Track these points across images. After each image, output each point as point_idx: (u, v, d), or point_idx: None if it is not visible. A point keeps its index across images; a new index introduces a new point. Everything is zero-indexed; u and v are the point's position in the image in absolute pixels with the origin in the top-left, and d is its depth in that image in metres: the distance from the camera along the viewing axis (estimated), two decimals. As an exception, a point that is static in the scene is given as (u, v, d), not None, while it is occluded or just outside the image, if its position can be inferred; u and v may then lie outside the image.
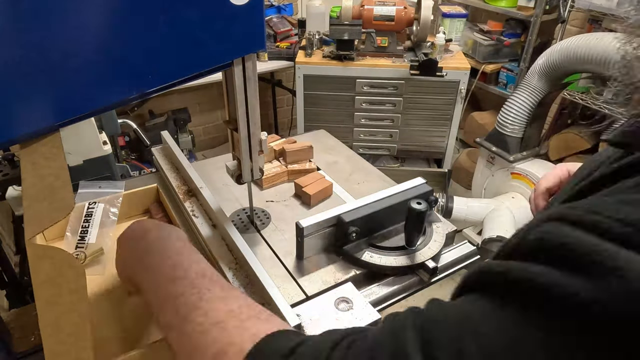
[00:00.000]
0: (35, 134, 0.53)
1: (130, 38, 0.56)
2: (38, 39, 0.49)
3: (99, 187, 1.05)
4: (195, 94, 3.17)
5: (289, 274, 0.90)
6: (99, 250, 0.94)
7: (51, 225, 0.54)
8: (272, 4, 3.04)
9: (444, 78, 2.25)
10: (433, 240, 0.95)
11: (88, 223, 0.98)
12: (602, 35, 2.11)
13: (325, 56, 2.41)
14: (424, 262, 0.90)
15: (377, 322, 0.79)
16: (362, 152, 2.60)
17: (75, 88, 0.54)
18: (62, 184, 0.55)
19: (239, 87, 0.76)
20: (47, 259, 0.55)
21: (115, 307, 0.85)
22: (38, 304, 0.58)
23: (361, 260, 0.90)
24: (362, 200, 0.95)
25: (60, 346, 0.61)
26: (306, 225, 0.89)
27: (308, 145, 1.24)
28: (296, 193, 1.15)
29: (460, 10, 2.79)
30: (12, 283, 1.50)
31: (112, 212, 1.01)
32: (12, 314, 0.82)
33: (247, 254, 0.84)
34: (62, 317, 0.60)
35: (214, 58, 0.66)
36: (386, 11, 2.34)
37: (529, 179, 2.29)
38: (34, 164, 0.53)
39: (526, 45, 2.70)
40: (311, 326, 0.78)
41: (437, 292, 0.51)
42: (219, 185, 1.18)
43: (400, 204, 0.94)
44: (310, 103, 2.49)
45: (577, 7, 2.39)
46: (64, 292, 0.58)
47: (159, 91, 0.63)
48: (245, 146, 0.83)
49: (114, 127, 1.66)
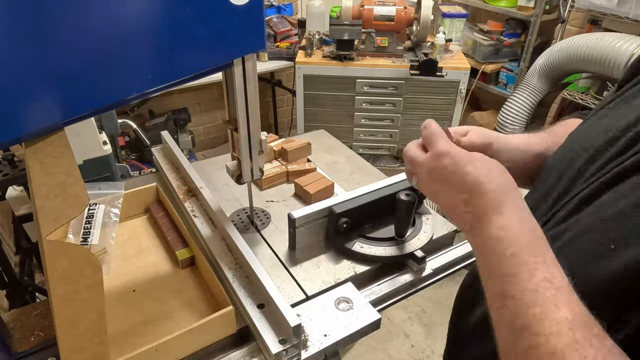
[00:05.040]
0: (40, 132, 0.53)
1: (131, 38, 0.56)
2: (43, 38, 0.49)
3: (99, 188, 1.05)
4: (195, 94, 3.16)
5: (289, 274, 0.91)
6: (102, 250, 0.94)
7: (67, 222, 0.55)
8: (272, 4, 3.04)
9: (444, 78, 2.25)
10: (422, 231, 0.96)
11: (90, 224, 0.98)
12: (602, 35, 2.11)
13: (325, 56, 2.41)
14: (413, 252, 0.91)
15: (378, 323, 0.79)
16: (362, 152, 2.60)
17: (80, 87, 0.54)
18: (74, 181, 0.55)
19: (239, 87, 0.76)
20: (65, 256, 0.56)
21: (120, 307, 0.85)
22: (54, 300, 0.58)
23: (352, 250, 0.92)
24: (353, 192, 0.96)
25: (76, 342, 0.62)
26: (298, 216, 0.91)
27: (306, 142, 1.24)
28: (296, 193, 1.15)
29: (460, 10, 2.79)
30: (12, 283, 1.49)
31: (114, 213, 1.02)
32: (12, 314, 0.82)
33: (247, 254, 0.84)
34: (79, 313, 0.60)
35: (214, 58, 0.67)
36: (386, 11, 2.34)
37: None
38: (42, 163, 0.53)
39: (526, 45, 2.70)
40: (311, 326, 0.78)
41: (437, 292, 0.51)
42: (219, 185, 1.18)
43: (390, 196, 0.95)
44: (310, 103, 2.49)
45: (577, 7, 2.39)
46: (81, 288, 0.59)
47: (159, 91, 0.63)
48: (245, 146, 0.83)
49: (114, 127, 1.66)
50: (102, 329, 0.63)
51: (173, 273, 0.94)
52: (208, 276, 0.88)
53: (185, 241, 0.97)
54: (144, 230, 1.06)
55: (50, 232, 0.54)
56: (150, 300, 0.87)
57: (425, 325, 2.28)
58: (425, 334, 2.23)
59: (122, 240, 1.02)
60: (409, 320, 2.31)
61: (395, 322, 2.29)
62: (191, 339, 0.74)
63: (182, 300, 0.87)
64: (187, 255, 0.94)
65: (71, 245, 0.56)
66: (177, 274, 0.94)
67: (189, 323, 0.74)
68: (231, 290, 0.84)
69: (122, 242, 1.01)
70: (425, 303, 2.37)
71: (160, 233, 1.03)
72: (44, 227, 0.54)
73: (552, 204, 0.57)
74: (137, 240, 1.02)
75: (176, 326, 0.80)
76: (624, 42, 2.01)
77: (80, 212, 0.56)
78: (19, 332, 0.78)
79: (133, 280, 0.91)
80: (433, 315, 2.32)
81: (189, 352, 0.75)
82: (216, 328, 0.76)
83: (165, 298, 0.88)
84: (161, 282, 0.91)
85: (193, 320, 0.75)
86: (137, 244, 1.01)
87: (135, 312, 0.84)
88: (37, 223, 0.55)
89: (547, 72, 2.37)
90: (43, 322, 0.80)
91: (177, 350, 0.74)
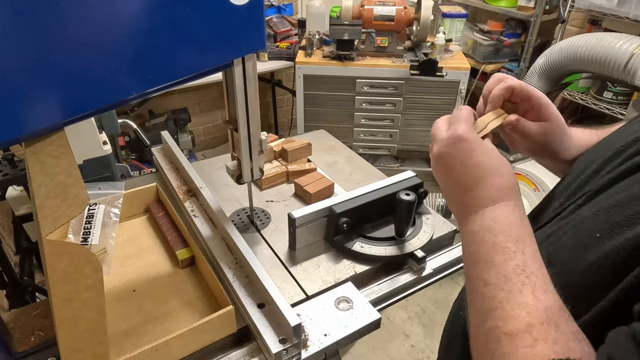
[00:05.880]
0: (40, 132, 0.53)
1: (131, 38, 0.56)
2: (44, 38, 0.49)
3: (99, 188, 1.05)
4: (195, 94, 3.16)
5: (289, 273, 0.91)
6: (102, 250, 0.94)
7: (67, 222, 0.55)
8: (272, 4, 3.04)
9: (444, 78, 2.25)
10: (422, 231, 0.96)
11: (90, 224, 0.98)
12: (602, 35, 2.11)
13: (325, 56, 2.41)
14: (413, 252, 0.92)
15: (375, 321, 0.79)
16: (362, 152, 2.60)
17: (80, 87, 0.54)
18: (74, 181, 0.56)
19: (239, 87, 0.76)
20: (66, 255, 0.56)
21: (120, 307, 0.85)
22: (54, 300, 0.58)
23: (352, 250, 0.92)
24: (353, 192, 0.96)
25: (77, 342, 0.62)
26: (298, 216, 0.91)
27: (306, 142, 1.24)
28: (296, 193, 1.15)
29: (460, 10, 2.79)
30: (12, 283, 1.49)
31: (114, 213, 1.02)
32: (12, 314, 0.82)
33: (247, 254, 0.84)
34: (80, 313, 0.60)
35: (214, 58, 0.67)
36: (386, 11, 2.34)
37: (529, 178, 2.29)
38: (42, 163, 0.54)
39: (526, 45, 2.70)
40: (311, 326, 0.78)
41: (437, 292, 0.51)
42: (219, 185, 1.18)
43: (390, 196, 0.95)
44: (310, 103, 2.49)
45: (577, 7, 2.39)
46: (82, 288, 0.59)
47: (159, 91, 0.63)
48: (245, 146, 0.83)
49: (114, 127, 1.66)
50: (102, 329, 0.63)
51: (173, 273, 0.94)
52: (208, 276, 0.88)
53: (185, 241, 0.97)
54: (144, 230, 1.06)
55: (50, 232, 0.54)
56: (150, 300, 0.87)
57: (425, 325, 2.28)
58: (425, 334, 2.23)
59: (122, 240, 1.02)
60: (409, 320, 2.31)
61: (395, 322, 2.29)
62: (191, 338, 0.74)
63: (182, 300, 0.87)
64: (187, 255, 0.94)
65: (71, 245, 0.56)
66: (177, 274, 0.94)
67: (189, 323, 0.74)
68: (231, 290, 0.84)
69: (122, 242, 1.01)
70: (425, 303, 2.37)
71: (160, 233, 1.03)
72: (44, 227, 0.54)
73: (563, 201, 0.59)
74: (137, 240, 1.02)
75: (176, 326, 0.80)
76: (624, 42, 2.01)
77: (80, 212, 0.56)
78: (19, 332, 0.78)
79: (133, 280, 0.91)
80: (433, 315, 2.32)
81: (189, 352, 0.75)
82: (216, 328, 0.76)
83: (165, 298, 0.88)
84: (161, 282, 0.91)
85: (193, 320, 0.75)
86: (137, 244, 1.01)
87: (135, 312, 0.84)
88: (37, 223, 0.55)
89: (547, 72, 2.36)
90: (43, 322, 0.80)
91: (177, 350, 0.74)
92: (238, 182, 0.89)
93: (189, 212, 1.04)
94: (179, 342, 0.73)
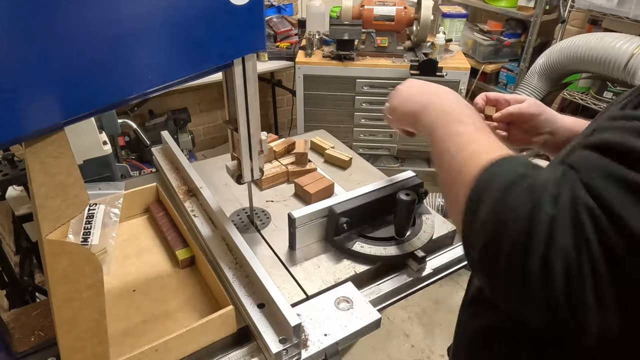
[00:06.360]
0: (40, 132, 0.53)
1: (131, 38, 0.56)
2: (44, 38, 0.49)
3: (99, 188, 1.05)
4: (195, 94, 3.16)
5: (289, 273, 0.91)
6: (102, 250, 0.94)
7: (67, 222, 0.55)
8: (272, 4, 3.04)
9: (444, 78, 2.25)
10: (422, 231, 0.96)
11: (90, 224, 0.98)
12: (602, 35, 2.11)
13: (325, 56, 2.41)
14: (413, 252, 0.91)
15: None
16: (362, 152, 2.60)
17: (80, 86, 0.54)
18: (74, 181, 0.56)
19: (239, 87, 0.76)
20: (66, 255, 0.56)
21: (120, 307, 0.85)
22: (54, 300, 0.58)
23: (352, 250, 0.92)
24: (353, 192, 0.96)
25: (76, 342, 0.62)
26: (298, 216, 0.91)
27: (302, 153, 1.22)
28: (296, 193, 1.15)
29: (460, 10, 2.79)
30: (12, 283, 1.49)
31: (114, 213, 1.02)
32: (12, 314, 0.82)
33: (247, 254, 0.84)
34: (80, 313, 0.60)
35: (214, 58, 0.67)
36: (386, 11, 2.34)
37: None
38: (42, 163, 0.54)
39: (526, 45, 2.70)
40: (311, 325, 0.78)
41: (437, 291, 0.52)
42: (219, 185, 1.18)
43: (390, 196, 0.95)
44: (310, 103, 2.49)
45: (577, 7, 2.39)
46: (82, 288, 0.59)
47: (159, 91, 0.63)
48: (245, 146, 0.83)
49: (114, 127, 1.66)
50: (102, 329, 0.63)
51: (173, 273, 0.94)
52: (208, 276, 0.88)
53: (185, 241, 0.97)
54: (144, 230, 1.06)
55: (50, 231, 0.54)
56: (150, 300, 0.87)
57: (425, 325, 2.28)
58: (425, 334, 2.23)
59: (122, 240, 1.02)
60: (409, 320, 2.31)
61: (395, 322, 2.29)
62: (191, 338, 0.74)
63: (182, 300, 0.87)
64: (187, 255, 0.94)
65: (71, 245, 0.56)
66: (177, 274, 0.94)
67: (189, 323, 0.74)
68: (231, 290, 0.84)
69: (122, 242, 1.01)
70: (425, 303, 2.37)
71: (160, 233, 1.03)
72: (44, 226, 0.54)
73: None
74: (137, 240, 1.03)
75: (176, 326, 0.80)
76: (624, 42, 2.01)
77: (80, 212, 0.56)
78: (19, 332, 0.78)
79: (133, 280, 0.91)
80: (433, 315, 2.32)
81: (189, 352, 0.75)
82: (216, 328, 0.76)
83: (165, 298, 0.88)
84: (161, 282, 0.91)
85: (193, 320, 0.75)
86: (137, 244, 1.01)
87: (135, 312, 0.84)
88: (37, 223, 0.55)
89: (547, 72, 2.37)
90: (43, 322, 0.80)
91: (177, 350, 0.74)
92: (238, 182, 0.89)
93: (189, 212, 1.04)
94: (179, 342, 0.73)
